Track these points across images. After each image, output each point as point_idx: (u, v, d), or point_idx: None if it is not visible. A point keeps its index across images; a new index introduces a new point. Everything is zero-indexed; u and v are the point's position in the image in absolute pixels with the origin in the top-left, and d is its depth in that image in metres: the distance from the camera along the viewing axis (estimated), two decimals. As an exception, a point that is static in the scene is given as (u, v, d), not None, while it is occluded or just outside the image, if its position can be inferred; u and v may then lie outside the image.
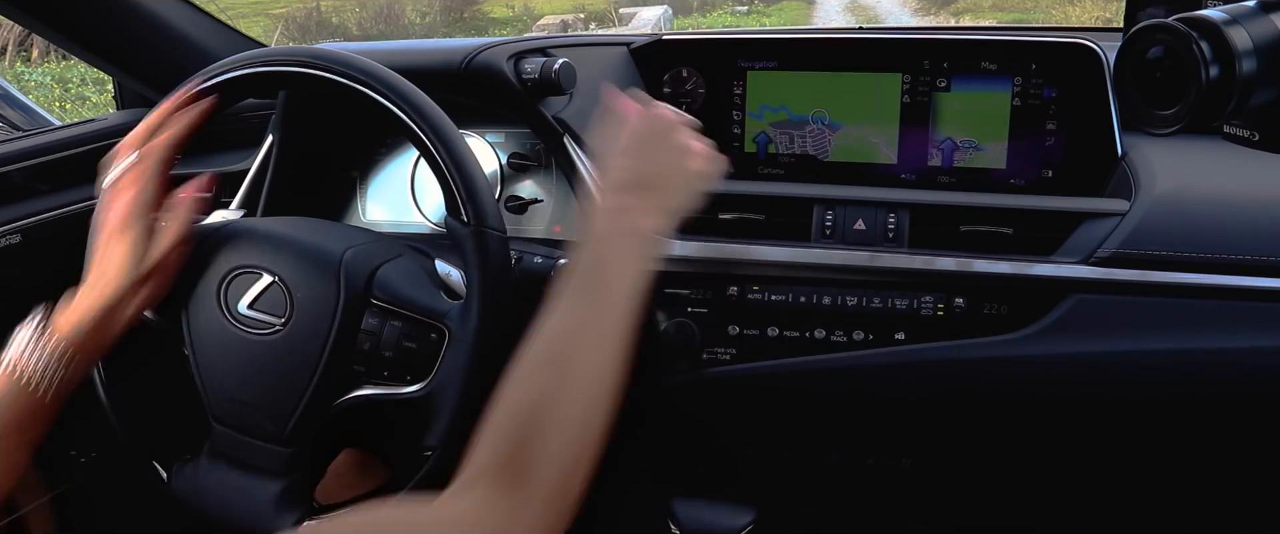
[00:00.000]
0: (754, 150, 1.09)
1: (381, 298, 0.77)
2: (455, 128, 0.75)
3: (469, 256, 0.74)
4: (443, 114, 0.75)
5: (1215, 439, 0.93)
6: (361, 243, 0.81)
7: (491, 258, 0.74)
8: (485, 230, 0.73)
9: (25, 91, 5.03)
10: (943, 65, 1.02)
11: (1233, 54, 0.49)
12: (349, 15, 11.95)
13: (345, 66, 0.75)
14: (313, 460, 0.81)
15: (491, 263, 0.74)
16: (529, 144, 1.10)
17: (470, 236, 0.74)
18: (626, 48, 1.10)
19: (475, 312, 0.74)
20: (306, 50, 0.78)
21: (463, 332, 0.74)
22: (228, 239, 0.81)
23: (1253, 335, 0.83)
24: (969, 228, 0.92)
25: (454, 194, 0.74)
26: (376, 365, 0.77)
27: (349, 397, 0.78)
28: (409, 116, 0.74)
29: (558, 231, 1.08)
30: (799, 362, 0.94)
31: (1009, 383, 0.89)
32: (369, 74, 0.75)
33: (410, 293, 0.78)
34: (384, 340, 0.76)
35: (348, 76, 0.75)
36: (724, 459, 1.10)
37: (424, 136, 0.74)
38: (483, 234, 0.73)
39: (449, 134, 0.74)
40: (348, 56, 0.76)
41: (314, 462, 0.81)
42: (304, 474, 0.80)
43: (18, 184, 1.10)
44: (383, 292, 0.77)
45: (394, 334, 0.76)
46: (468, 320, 0.74)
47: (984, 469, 1.04)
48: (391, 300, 0.77)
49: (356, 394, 0.77)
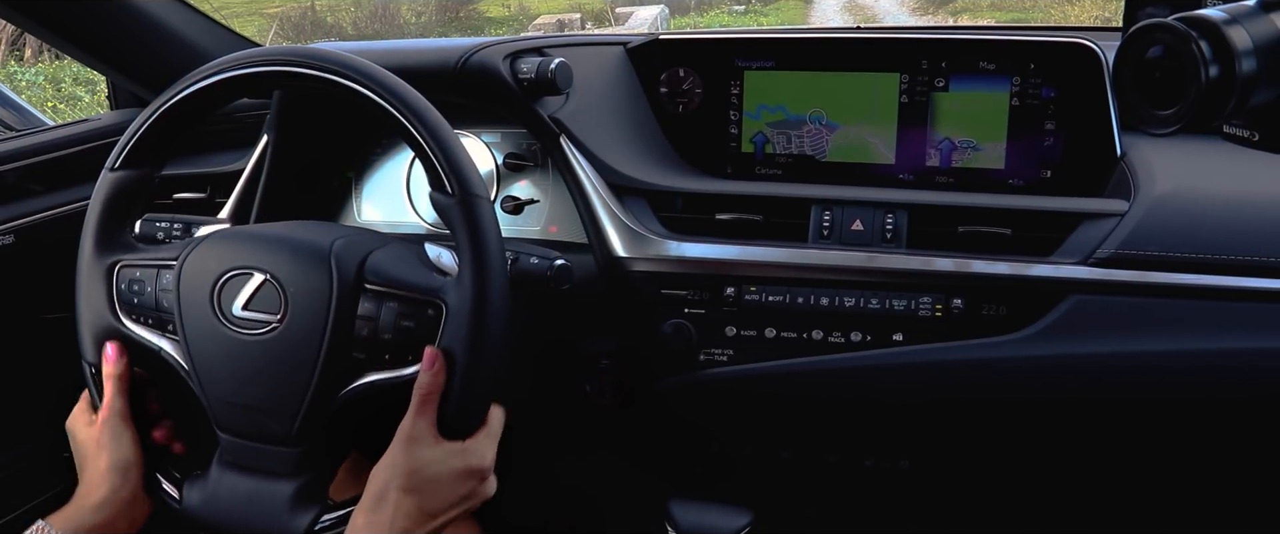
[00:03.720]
0: (751, 150, 1.09)
1: (375, 281, 0.77)
2: (441, 115, 0.75)
3: (457, 226, 0.74)
4: (428, 103, 0.75)
5: (1214, 440, 0.92)
6: (349, 233, 0.81)
7: (480, 224, 0.74)
8: (471, 197, 0.73)
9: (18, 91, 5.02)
10: (941, 65, 1.01)
11: (1232, 54, 0.49)
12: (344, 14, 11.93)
13: (341, 66, 0.75)
14: (324, 458, 0.81)
15: (480, 229, 0.74)
16: (525, 144, 1.10)
17: (456, 205, 0.73)
18: (623, 47, 1.10)
19: (469, 280, 0.73)
20: (301, 50, 0.77)
21: (460, 302, 0.74)
22: (216, 245, 0.81)
23: (1252, 336, 0.83)
24: (967, 228, 0.91)
25: (435, 166, 0.74)
26: (377, 350, 0.76)
27: (353, 386, 0.77)
28: (401, 113, 0.74)
29: (554, 232, 1.08)
30: (796, 363, 0.93)
31: (1007, 384, 0.88)
32: (365, 74, 0.75)
33: (403, 273, 0.78)
34: (382, 324, 0.76)
35: (344, 77, 0.75)
36: (721, 461, 1.10)
37: (408, 123, 0.74)
38: (468, 200, 0.73)
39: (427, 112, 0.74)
40: (343, 57, 0.76)
41: (325, 459, 0.81)
42: (316, 473, 0.80)
43: (11, 184, 1.10)
44: (375, 275, 0.77)
45: (391, 316, 0.76)
46: (463, 290, 0.73)
47: (982, 471, 1.04)
48: (385, 282, 0.77)
49: (360, 382, 0.77)
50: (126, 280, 0.83)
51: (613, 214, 0.97)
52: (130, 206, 0.85)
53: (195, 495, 0.81)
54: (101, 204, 0.83)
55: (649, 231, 0.96)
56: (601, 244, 0.97)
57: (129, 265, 0.83)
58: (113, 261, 0.84)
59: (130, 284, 0.83)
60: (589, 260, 0.99)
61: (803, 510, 1.14)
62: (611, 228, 0.97)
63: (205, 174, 1.19)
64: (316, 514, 0.78)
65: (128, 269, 0.83)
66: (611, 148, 1.01)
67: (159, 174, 0.85)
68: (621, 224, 0.96)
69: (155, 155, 0.83)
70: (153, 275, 0.83)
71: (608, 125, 1.03)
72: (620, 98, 1.08)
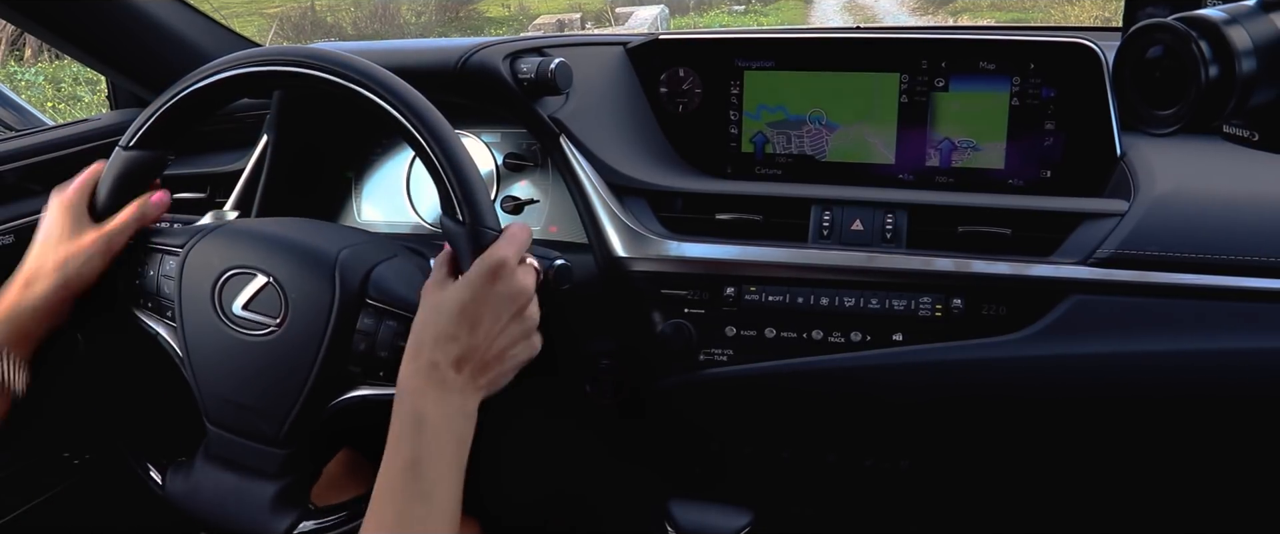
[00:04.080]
0: (751, 150, 1.09)
1: (377, 298, 0.77)
2: (451, 127, 0.75)
3: (464, 256, 0.74)
4: (438, 114, 0.75)
5: (1214, 441, 0.92)
6: (356, 243, 0.81)
7: None
8: (481, 229, 0.73)
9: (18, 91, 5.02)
10: (941, 65, 1.01)
11: (1232, 54, 0.49)
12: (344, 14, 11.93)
13: (341, 66, 0.75)
14: (308, 462, 0.81)
15: None
16: (525, 144, 1.10)
17: (466, 236, 0.73)
18: (623, 47, 1.10)
19: None
20: (301, 50, 0.77)
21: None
22: (222, 240, 0.80)
23: (1252, 336, 0.83)
24: (967, 228, 0.91)
25: (449, 193, 0.73)
26: (372, 366, 0.76)
27: (344, 398, 0.77)
28: (405, 116, 0.73)
29: (554, 232, 1.08)
30: (796, 363, 0.93)
31: (1007, 384, 0.88)
32: (365, 74, 0.75)
33: (406, 293, 0.77)
34: (379, 341, 0.76)
35: (343, 77, 0.75)
36: (721, 461, 1.10)
37: (419, 136, 0.73)
38: (478, 233, 0.73)
39: (444, 133, 0.74)
40: (343, 56, 0.76)
41: (310, 463, 0.81)
42: (300, 475, 0.80)
43: (11, 184, 1.10)
44: (378, 292, 0.77)
45: (389, 334, 0.76)
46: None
47: (982, 471, 1.04)
48: (387, 300, 0.77)
49: (352, 395, 0.77)
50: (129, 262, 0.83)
51: (613, 214, 0.97)
52: (140, 186, 0.85)
53: (178, 483, 0.82)
54: (113, 178, 0.83)
55: (649, 231, 0.96)
56: (601, 244, 0.97)
57: (133, 245, 0.83)
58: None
59: (133, 266, 0.83)
60: (589, 260, 0.99)
61: (802, 510, 1.14)
62: (611, 228, 0.97)
63: (205, 174, 1.19)
64: (297, 518, 0.78)
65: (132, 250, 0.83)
66: (611, 148, 1.01)
67: (171, 158, 0.85)
68: (621, 224, 0.96)
69: (169, 140, 0.83)
70: (156, 259, 0.83)
71: (608, 125, 1.03)
72: (620, 98, 1.08)
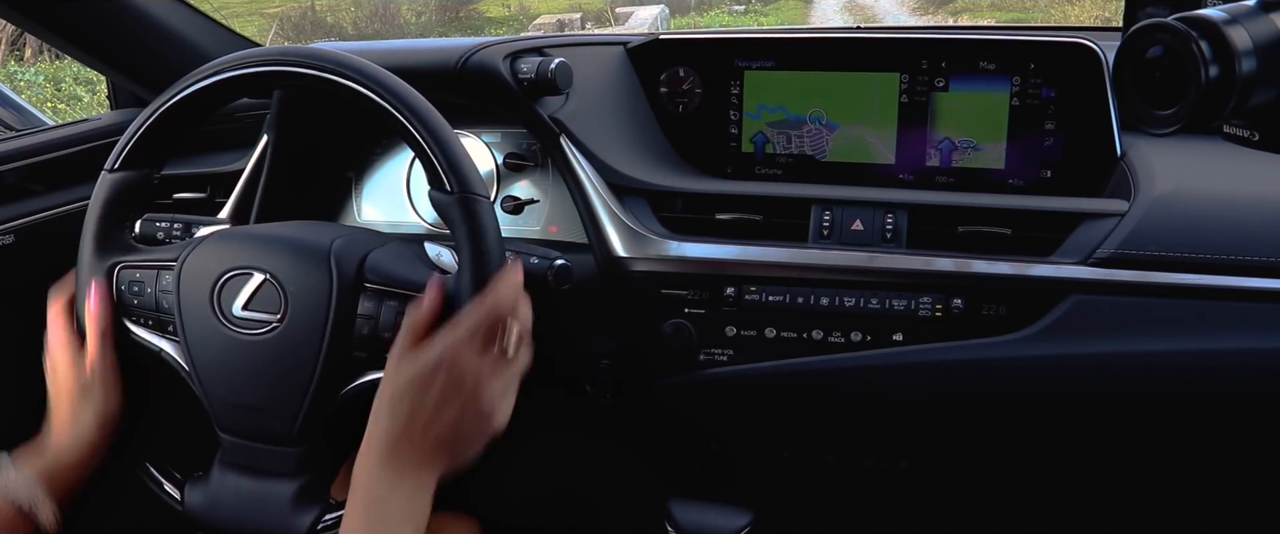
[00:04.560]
0: (751, 150, 1.09)
1: (375, 280, 0.77)
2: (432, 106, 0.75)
3: (456, 224, 0.74)
4: (424, 99, 0.75)
5: (1214, 441, 0.92)
6: (349, 233, 0.82)
7: (479, 222, 0.73)
8: (469, 195, 0.73)
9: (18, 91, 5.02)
10: (941, 65, 1.01)
11: (1232, 54, 0.48)
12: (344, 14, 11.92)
13: (341, 66, 0.75)
14: (326, 457, 0.81)
15: (480, 227, 0.73)
16: (525, 144, 1.10)
17: (455, 204, 0.73)
18: (623, 47, 1.10)
19: (469, 279, 0.73)
20: (301, 50, 0.77)
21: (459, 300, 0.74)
22: (215, 245, 0.81)
23: (1252, 336, 0.83)
24: (967, 228, 0.91)
25: (434, 164, 0.73)
26: (377, 349, 0.77)
27: (354, 385, 0.77)
28: (399, 111, 0.74)
29: (554, 231, 1.08)
30: (796, 363, 0.93)
31: (1007, 384, 0.88)
32: (365, 74, 0.75)
33: (403, 272, 0.78)
34: (382, 322, 0.76)
35: (343, 76, 0.75)
36: (721, 461, 1.10)
37: (405, 119, 0.74)
38: (467, 200, 0.73)
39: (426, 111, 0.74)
40: (343, 56, 0.76)
41: (327, 458, 0.81)
42: (318, 472, 0.80)
43: (11, 184, 1.10)
44: (375, 274, 0.78)
45: (391, 315, 0.76)
46: (463, 288, 0.74)
47: (982, 471, 1.04)
48: (385, 281, 0.77)
49: (362, 381, 0.77)
50: (126, 281, 0.84)
51: (613, 214, 0.97)
52: (130, 207, 0.85)
53: (197, 497, 0.82)
54: (101, 205, 0.83)
55: (649, 231, 0.96)
56: (601, 244, 0.97)
57: (129, 266, 0.84)
58: (113, 263, 0.84)
59: (130, 285, 0.83)
60: (589, 260, 0.99)
61: (802, 510, 1.14)
62: (611, 228, 0.97)
63: (205, 174, 1.19)
64: (319, 513, 0.78)
65: (128, 270, 0.84)
66: (611, 148, 1.01)
67: (158, 175, 0.85)
68: (621, 224, 0.96)
69: (155, 156, 0.83)
70: (153, 276, 0.83)
71: (608, 125, 1.03)
72: (620, 98, 1.08)
